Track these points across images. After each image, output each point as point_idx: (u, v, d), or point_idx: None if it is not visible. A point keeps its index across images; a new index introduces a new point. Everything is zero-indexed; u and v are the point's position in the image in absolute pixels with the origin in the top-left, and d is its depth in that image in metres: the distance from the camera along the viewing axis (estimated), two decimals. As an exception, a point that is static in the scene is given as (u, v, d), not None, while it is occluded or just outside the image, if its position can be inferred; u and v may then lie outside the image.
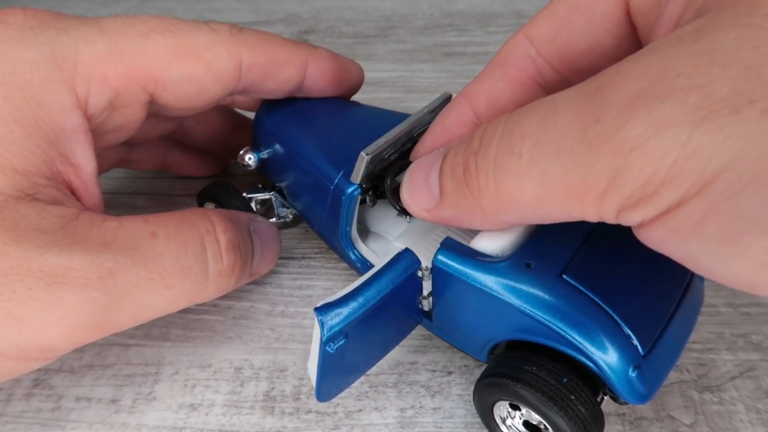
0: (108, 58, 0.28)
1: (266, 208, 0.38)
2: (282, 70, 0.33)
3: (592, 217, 0.19)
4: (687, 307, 0.27)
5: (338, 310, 0.25)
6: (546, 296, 0.24)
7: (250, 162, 0.35)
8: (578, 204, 0.19)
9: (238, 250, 0.29)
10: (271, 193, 0.37)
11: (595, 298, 0.24)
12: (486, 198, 0.22)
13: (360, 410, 0.30)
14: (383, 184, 0.30)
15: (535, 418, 0.26)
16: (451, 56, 0.54)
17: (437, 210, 0.25)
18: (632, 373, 0.24)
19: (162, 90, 0.30)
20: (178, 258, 0.27)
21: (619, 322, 0.24)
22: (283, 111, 0.35)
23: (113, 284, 0.25)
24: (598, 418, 0.25)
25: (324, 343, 0.25)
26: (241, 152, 0.35)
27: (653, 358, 0.24)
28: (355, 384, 0.31)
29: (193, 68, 0.30)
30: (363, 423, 0.29)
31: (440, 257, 0.26)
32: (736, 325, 0.33)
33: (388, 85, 0.51)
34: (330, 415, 0.29)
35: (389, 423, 0.29)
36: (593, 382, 0.25)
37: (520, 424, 0.27)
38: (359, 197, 0.30)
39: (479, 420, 0.29)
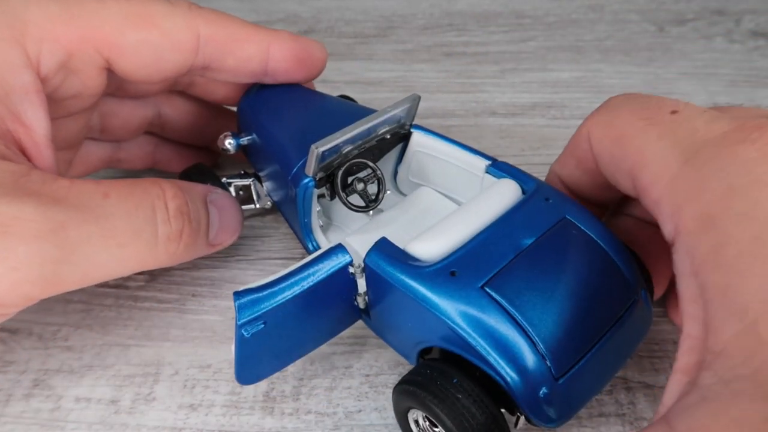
0: (60, 20, 0.28)
1: (247, 195, 0.38)
2: (241, 48, 0.33)
3: None
4: (622, 334, 0.26)
5: (255, 296, 0.26)
6: (463, 306, 0.24)
7: (228, 146, 0.36)
8: None
9: (187, 216, 0.29)
10: (251, 180, 0.37)
11: (514, 313, 0.24)
12: None
13: (360, 410, 0.30)
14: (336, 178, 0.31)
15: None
16: (451, 56, 0.54)
17: None
18: (540, 395, 0.23)
19: (118, 55, 0.30)
20: (129, 219, 0.27)
21: (536, 340, 0.23)
22: (262, 98, 0.36)
23: (65, 237, 0.25)
24: (498, 426, 0.24)
25: (239, 327, 0.25)
26: (221, 136, 0.36)
27: (569, 382, 0.24)
28: (355, 384, 0.31)
29: (148, 34, 0.30)
30: (363, 423, 0.29)
31: (370, 256, 0.26)
32: (736, 325, 0.33)
33: (388, 85, 0.51)
34: (330, 416, 0.29)
35: (389, 423, 0.29)
36: (509, 400, 0.24)
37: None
38: (314, 190, 0.30)
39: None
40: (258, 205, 0.38)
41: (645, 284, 0.28)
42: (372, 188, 0.32)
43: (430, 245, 0.26)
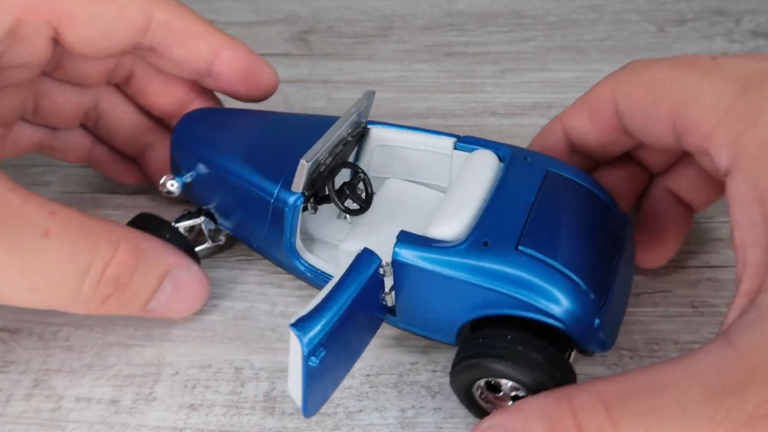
0: None
1: (196, 233, 0.35)
2: (192, 42, 0.33)
3: None
4: (626, 257, 0.30)
5: (314, 323, 0.25)
6: (508, 269, 0.26)
7: (173, 189, 0.34)
8: None
9: (123, 287, 0.28)
10: (202, 219, 0.35)
11: (552, 263, 0.26)
12: None
13: (360, 410, 0.30)
14: (323, 190, 0.31)
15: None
16: (451, 56, 0.54)
17: None
18: (595, 325, 0.26)
19: (68, 26, 0.29)
20: (57, 267, 0.26)
21: (577, 281, 0.26)
22: (202, 128, 0.34)
23: None
24: (562, 365, 0.26)
25: (306, 358, 0.24)
26: (162, 180, 0.34)
27: (608, 309, 0.27)
28: (356, 384, 0.31)
29: (104, 9, 0.30)
30: (363, 423, 0.29)
31: (399, 251, 0.27)
32: (736, 325, 0.33)
33: (388, 85, 0.51)
34: (330, 416, 0.29)
35: (390, 423, 0.29)
36: (559, 340, 0.26)
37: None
38: (302, 206, 0.30)
39: (479, 420, 0.29)
40: (212, 243, 0.36)
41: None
42: (360, 188, 0.32)
43: (451, 226, 0.27)
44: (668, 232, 0.34)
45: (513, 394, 0.27)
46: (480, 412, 0.28)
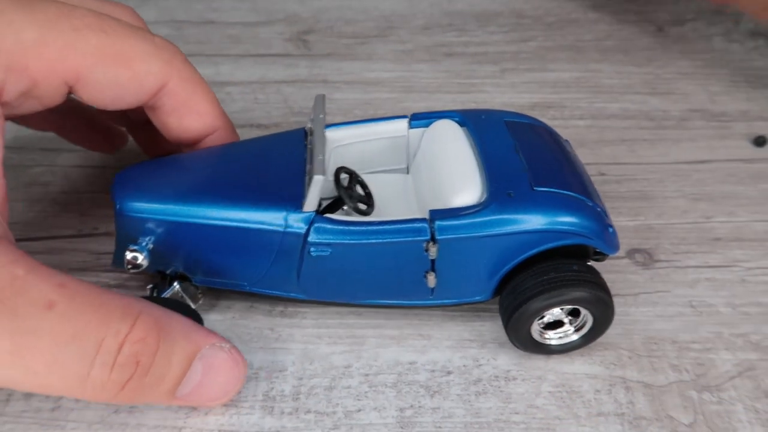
0: (33, 50, 0.27)
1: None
2: (189, 119, 0.33)
3: None
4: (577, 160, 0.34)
5: (332, 227, 0.28)
6: (539, 209, 0.29)
7: (141, 261, 0.29)
8: None
9: (144, 368, 0.25)
10: (176, 285, 0.31)
11: (567, 193, 0.30)
12: None
13: (359, 410, 0.30)
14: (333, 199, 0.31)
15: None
16: (451, 56, 0.54)
17: None
18: (611, 231, 0.30)
19: (82, 87, 0.29)
20: (58, 346, 0.23)
21: (587, 201, 0.30)
22: (151, 185, 0.31)
23: None
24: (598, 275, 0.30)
25: (309, 244, 0.28)
26: (128, 258, 0.29)
27: (605, 213, 0.31)
28: (354, 384, 0.31)
29: (118, 74, 0.29)
30: (362, 423, 0.29)
31: (441, 228, 0.28)
32: (735, 324, 0.33)
33: (388, 85, 0.51)
34: (329, 415, 0.29)
35: (388, 423, 0.29)
36: (582, 254, 0.31)
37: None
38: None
39: (478, 420, 0.29)
40: (195, 305, 0.32)
41: None
42: (359, 190, 0.32)
43: (471, 191, 0.29)
44: None
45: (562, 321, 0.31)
46: (537, 347, 0.31)
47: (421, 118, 0.34)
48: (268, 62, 0.53)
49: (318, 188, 0.28)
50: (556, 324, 0.31)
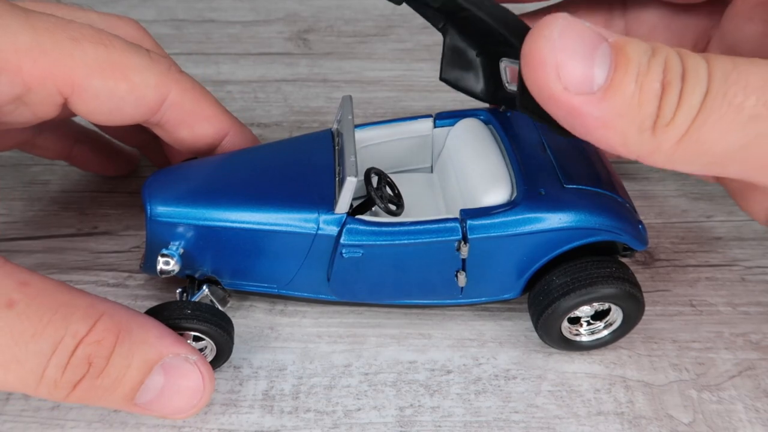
0: (27, 53, 0.26)
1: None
2: (200, 125, 0.32)
3: None
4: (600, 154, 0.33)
5: (364, 228, 0.28)
6: (571, 207, 0.29)
7: (171, 266, 0.29)
8: None
9: (96, 370, 0.24)
10: (205, 289, 0.31)
11: (596, 189, 0.30)
12: (671, 136, 0.19)
13: (359, 409, 0.30)
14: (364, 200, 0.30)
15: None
16: (451, 55, 0.54)
17: (592, 101, 0.19)
18: (641, 228, 0.30)
19: (77, 98, 0.28)
20: (18, 345, 0.23)
21: (617, 198, 0.30)
22: (181, 190, 0.30)
23: None
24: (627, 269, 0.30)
25: (341, 245, 0.28)
26: (160, 264, 0.29)
27: (634, 208, 0.31)
28: (354, 383, 0.31)
29: (115, 85, 0.29)
30: (362, 422, 0.29)
31: (474, 226, 0.28)
32: (734, 324, 0.33)
33: (388, 85, 0.51)
34: (329, 414, 0.29)
35: (388, 422, 0.29)
36: (612, 250, 0.31)
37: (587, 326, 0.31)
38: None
39: (477, 419, 0.29)
40: (223, 307, 0.32)
41: None
42: (389, 191, 0.32)
43: (501, 190, 0.29)
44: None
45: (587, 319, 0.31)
46: (567, 344, 0.31)
47: (446, 117, 0.34)
48: (268, 61, 0.53)
49: (351, 190, 0.28)
50: (574, 320, 0.31)
